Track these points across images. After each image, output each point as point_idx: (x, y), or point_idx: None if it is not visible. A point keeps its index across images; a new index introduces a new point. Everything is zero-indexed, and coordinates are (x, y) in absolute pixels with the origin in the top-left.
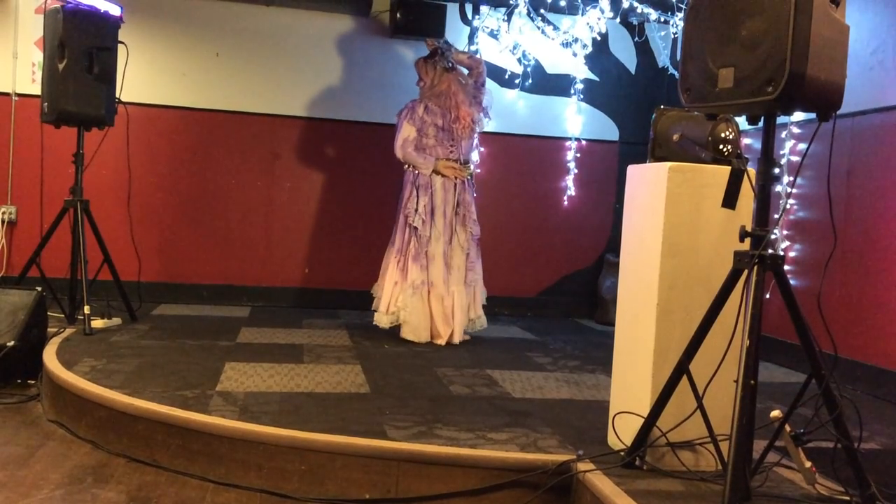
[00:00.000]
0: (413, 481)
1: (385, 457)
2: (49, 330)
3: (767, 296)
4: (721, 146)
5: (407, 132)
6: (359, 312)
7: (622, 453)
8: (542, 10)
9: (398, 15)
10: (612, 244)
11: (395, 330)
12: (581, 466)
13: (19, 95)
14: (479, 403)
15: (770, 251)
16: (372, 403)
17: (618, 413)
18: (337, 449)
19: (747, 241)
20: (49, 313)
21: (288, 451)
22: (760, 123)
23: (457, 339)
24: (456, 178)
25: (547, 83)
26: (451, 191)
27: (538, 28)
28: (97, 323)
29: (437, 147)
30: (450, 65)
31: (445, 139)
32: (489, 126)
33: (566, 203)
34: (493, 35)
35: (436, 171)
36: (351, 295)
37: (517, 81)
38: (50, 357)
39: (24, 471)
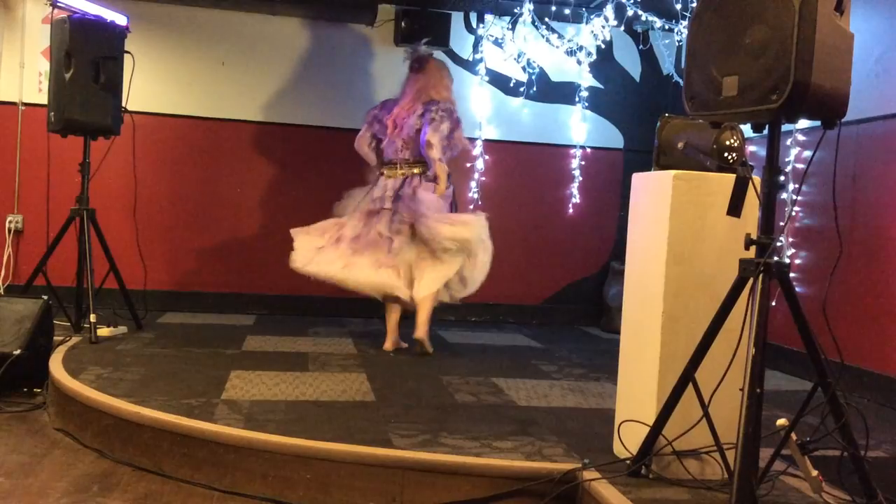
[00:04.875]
0: (418, 490)
1: (390, 465)
2: (55, 338)
3: (773, 303)
4: (726, 154)
5: (363, 129)
6: (363, 321)
7: (628, 462)
8: (546, 19)
9: (403, 24)
10: (617, 252)
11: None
12: (587, 475)
13: (26, 105)
14: (484, 411)
15: (775, 259)
16: (377, 412)
17: (623, 421)
18: (342, 457)
19: (752, 248)
20: (55, 322)
21: (293, 460)
22: (765, 131)
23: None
24: (398, 176)
25: (551, 91)
26: (391, 189)
27: (542, 36)
28: (103, 331)
29: (387, 147)
30: (415, 65)
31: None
32: (494, 133)
33: (571, 211)
34: (498, 43)
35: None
36: (356, 303)
37: (522, 89)
38: (56, 365)
39: (30, 479)
